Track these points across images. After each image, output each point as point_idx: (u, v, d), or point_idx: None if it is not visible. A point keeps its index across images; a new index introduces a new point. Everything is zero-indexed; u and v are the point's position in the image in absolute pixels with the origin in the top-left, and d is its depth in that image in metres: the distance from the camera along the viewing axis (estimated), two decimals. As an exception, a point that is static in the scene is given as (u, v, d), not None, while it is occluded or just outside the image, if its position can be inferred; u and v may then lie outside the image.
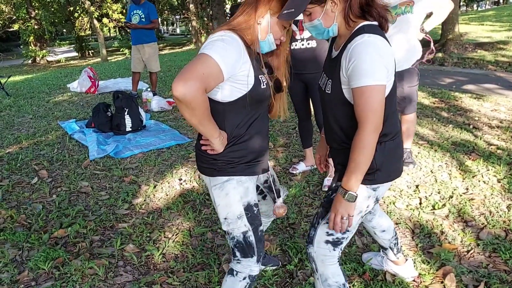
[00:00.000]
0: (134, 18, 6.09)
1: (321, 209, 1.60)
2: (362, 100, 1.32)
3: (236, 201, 1.53)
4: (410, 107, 3.24)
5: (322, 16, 1.38)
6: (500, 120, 4.53)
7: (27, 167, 3.80)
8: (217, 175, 1.52)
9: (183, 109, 1.29)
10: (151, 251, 2.44)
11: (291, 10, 1.35)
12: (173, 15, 35.43)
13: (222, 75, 1.33)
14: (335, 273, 1.61)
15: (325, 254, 1.58)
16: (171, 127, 4.87)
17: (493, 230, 2.48)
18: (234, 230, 1.57)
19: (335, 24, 1.39)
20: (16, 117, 5.74)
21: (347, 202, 1.41)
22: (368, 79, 1.29)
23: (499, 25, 13.16)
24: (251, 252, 1.60)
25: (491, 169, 3.26)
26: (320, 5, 1.36)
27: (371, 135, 1.34)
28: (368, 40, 1.30)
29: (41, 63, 20.60)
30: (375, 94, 1.30)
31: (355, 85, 1.32)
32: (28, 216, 2.90)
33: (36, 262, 2.34)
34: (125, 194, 3.18)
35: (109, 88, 7.53)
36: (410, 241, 2.43)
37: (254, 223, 1.59)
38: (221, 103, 1.44)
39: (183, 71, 1.27)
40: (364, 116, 1.33)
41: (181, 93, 1.23)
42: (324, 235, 1.56)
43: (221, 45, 1.33)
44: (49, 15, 20.54)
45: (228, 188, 1.52)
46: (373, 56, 1.29)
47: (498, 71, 7.62)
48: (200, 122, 1.34)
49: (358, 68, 1.30)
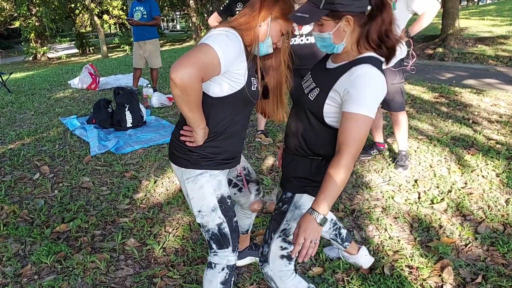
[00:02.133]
0: (136, 15, 6.10)
1: (273, 223, 1.58)
2: (353, 126, 1.28)
3: (210, 194, 1.56)
4: (395, 104, 3.21)
5: (333, 32, 1.34)
6: (499, 114, 4.54)
7: (29, 163, 3.82)
8: (191, 167, 1.54)
9: (177, 93, 1.30)
10: (151, 245, 2.46)
11: (305, 15, 1.32)
12: (173, 11, 35.34)
13: (219, 68, 1.34)
14: (297, 283, 1.61)
15: (281, 269, 1.57)
16: (171, 123, 4.89)
17: (491, 224, 2.50)
18: (208, 223, 1.59)
19: (343, 44, 1.36)
20: (17, 114, 5.77)
21: (318, 225, 1.30)
22: (366, 109, 1.27)
23: (500, 20, 13.11)
24: (227, 243, 1.63)
25: (490, 164, 3.27)
26: (335, 21, 1.32)
27: (350, 161, 1.30)
28: (375, 73, 1.29)
29: (42, 60, 20.61)
30: (366, 125, 1.29)
31: (351, 110, 1.28)
32: (31, 211, 2.93)
33: (39, 256, 2.37)
34: (126, 189, 3.21)
35: (110, 85, 7.54)
36: (408, 235, 2.46)
37: (228, 215, 1.61)
38: (210, 97, 1.45)
39: (184, 57, 1.29)
40: (349, 142, 1.29)
41: (178, 76, 1.25)
42: (279, 250, 1.55)
43: (223, 39, 1.35)
44: (50, 12, 20.56)
45: (201, 181, 1.55)
46: (376, 91, 1.29)
47: (498, 65, 7.61)
48: (190, 109, 1.36)
49: (360, 97, 1.27)
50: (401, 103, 3.22)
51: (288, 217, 1.54)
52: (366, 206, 2.79)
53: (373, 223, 2.59)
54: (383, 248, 2.34)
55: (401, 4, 2.92)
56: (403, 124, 3.28)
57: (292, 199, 1.55)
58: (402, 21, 3.00)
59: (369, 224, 2.58)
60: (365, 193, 2.96)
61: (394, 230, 2.51)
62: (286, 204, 1.56)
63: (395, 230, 2.51)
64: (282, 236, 1.55)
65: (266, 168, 3.49)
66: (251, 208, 1.79)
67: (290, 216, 1.54)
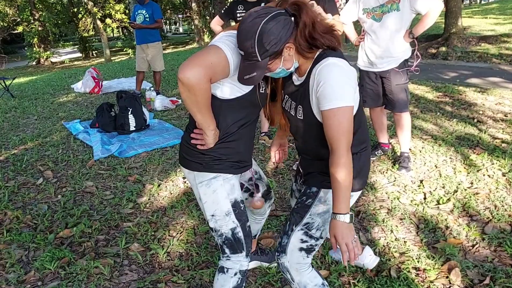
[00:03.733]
0: (138, 18, 6.11)
1: (295, 215, 1.57)
2: (333, 122, 1.31)
3: (223, 198, 1.54)
4: (399, 105, 3.19)
5: (282, 64, 1.35)
6: (504, 113, 4.50)
7: (33, 168, 3.82)
8: (203, 171, 1.53)
9: (185, 93, 1.29)
10: (155, 249, 2.45)
11: (253, 74, 1.30)
12: (176, 14, 35.42)
13: (228, 70, 1.33)
14: (312, 277, 1.60)
15: (299, 262, 1.56)
16: (174, 126, 4.88)
17: (498, 224, 2.47)
18: (222, 227, 1.58)
19: (295, 62, 1.37)
20: (21, 119, 5.78)
21: (348, 224, 1.35)
22: (338, 101, 1.29)
23: (503, 18, 13.05)
24: (240, 247, 1.61)
25: (496, 163, 3.24)
26: (278, 58, 1.33)
27: (346, 155, 1.33)
28: (333, 62, 1.31)
29: (45, 64, 20.72)
30: (346, 116, 1.30)
31: (325, 108, 1.31)
32: (34, 217, 2.92)
33: (42, 262, 2.36)
34: (130, 193, 3.20)
35: (113, 88, 7.55)
36: (415, 236, 2.43)
37: (242, 219, 1.60)
38: (219, 99, 1.44)
39: (193, 57, 1.27)
40: (336, 138, 1.32)
41: (187, 76, 1.24)
42: (299, 243, 1.54)
43: (233, 41, 1.34)
44: (53, 17, 20.69)
45: (215, 185, 1.53)
46: (340, 78, 1.30)
47: (502, 64, 7.57)
48: (199, 110, 1.35)
49: (327, 91, 1.29)
50: (405, 104, 3.19)
51: (312, 211, 1.53)
52: (372, 208, 2.76)
53: (379, 224, 2.57)
54: (389, 250, 2.32)
55: (405, 4, 2.89)
56: (406, 125, 3.25)
57: (317, 194, 1.54)
58: (405, 22, 2.97)
59: (375, 225, 2.56)
60: (370, 194, 2.94)
61: (400, 231, 2.49)
62: (311, 199, 1.54)
63: (401, 231, 2.49)
64: (304, 230, 1.53)
65: (270, 170, 3.47)
66: (253, 205, 1.77)
67: (314, 210, 1.53)
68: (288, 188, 3.10)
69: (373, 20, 3.05)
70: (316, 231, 1.53)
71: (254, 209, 1.88)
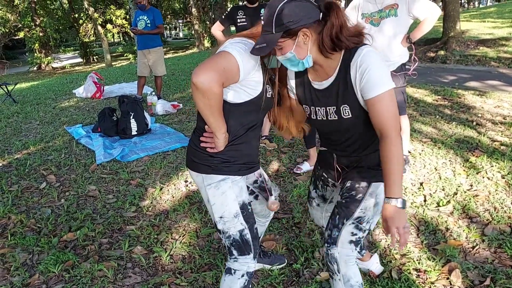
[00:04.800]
0: (139, 24, 6.16)
1: (344, 210, 1.57)
2: (381, 108, 1.33)
3: (232, 200, 1.57)
4: None
5: (294, 49, 1.36)
6: (503, 116, 4.53)
7: (36, 173, 3.85)
8: (212, 173, 1.55)
9: (199, 97, 1.32)
10: (158, 252, 2.47)
11: (263, 44, 1.34)
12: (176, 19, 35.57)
13: (238, 75, 1.37)
14: (356, 273, 1.62)
15: (348, 254, 1.59)
16: (176, 130, 4.91)
17: (498, 226, 2.49)
18: (230, 229, 1.60)
19: (309, 56, 1.38)
20: (23, 124, 5.81)
21: (401, 210, 1.37)
22: (383, 86, 1.32)
23: (501, 22, 13.10)
24: (248, 249, 1.63)
25: (495, 165, 3.27)
26: (292, 38, 1.35)
27: (397, 139, 1.34)
28: (369, 50, 1.34)
29: (46, 69, 20.80)
30: (391, 99, 1.33)
31: (373, 95, 1.33)
32: (38, 221, 2.95)
33: (47, 265, 2.38)
34: (132, 197, 3.22)
35: (114, 93, 7.59)
36: (415, 238, 2.45)
37: (250, 221, 1.62)
38: (228, 103, 1.47)
39: (205, 63, 1.31)
40: (387, 123, 1.34)
41: (200, 80, 1.27)
42: (349, 236, 1.56)
43: (243, 47, 1.38)
44: (54, 22, 20.79)
45: (224, 187, 1.55)
46: (380, 63, 1.33)
47: (500, 67, 7.60)
48: (212, 113, 1.38)
49: (372, 78, 1.32)
50: (403, 107, 3.23)
51: (363, 205, 1.55)
52: (372, 210, 2.78)
53: (380, 226, 2.59)
54: (390, 251, 2.34)
55: (403, 10, 2.93)
56: (404, 127, 3.28)
57: (368, 188, 1.56)
58: (403, 27, 3.01)
59: (376, 227, 2.58)
60: (370, 197, 2.96)
61: (401, 233, 2.51)
62: (361, 194, 1.56)
63: (402, 233, 2.51)
64: (356, 223, 1.55)
65: (271, 173, 3.50)
66: (270, 208, 1.80)
67: (365, 204, 1.55)
68: (290, 190, 3.12)
69: (371, 25, 3.09)
70: (366, 224, 1.56)
71: (272, 211, 1.90)
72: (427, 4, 2.91)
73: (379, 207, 1.56)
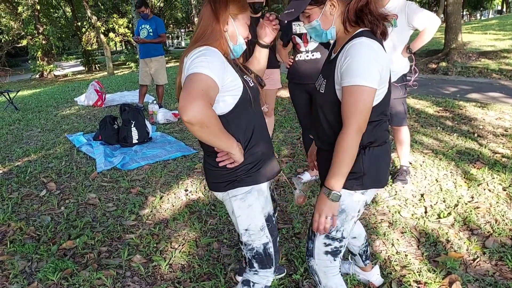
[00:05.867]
0: (142, 33, 6.21)
1: None
2: (350, 99, 1.31)
3: (258, 212, 1.54)
4: (397, 118, 3.21)
5: (320, 18, 1.39)
6: (505, 128, 4.54)
7: (36, 180, 3.85)
8: (238, 185, 1.51)
9: (199, 130, 1.28)
10: (158, 261, 2.46)
11: (291, 10, 1.38)
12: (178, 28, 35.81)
13: (217, 86, 1.35)
14: (338, 283, 1.62)
15: (326, 265, 1.58)
16: (176, 139, 4.92)
17: (499, 238, 2.48)
18: (254, 241, 1.58)
19: (333, 27, 1.41)
20: (24, 131, 5.83)
21: (331, 201, 1.40)
22: (360, 79, 1.29)
23: (503, 34, 13.18)
24: (270, 263, 1.62)
25: (496, 178, 3.26)
26: (319, 7, 1.38)
27: (354, 135, 1.33)
28: (366, 42, 1.32)
29: (48, 77, 20.88)
30: (365, 96, 1.30)
31: (346, 84, 1.32)
32: (37, 228, 2.94)
33: (45, 273, 2.37)
34: (132, 205, 3.22)
35: (116, 101, 7.62)
36: (416, 250, 2.44)
37: (274, 234, 1.61)
38: (223, 116, 1.45)
39: (184, 96, 1.26)
40: (349, 116, 1.32)
41: (190, 116, 1.23)
42: (323, 246, 1.56)
43: (203, 59, 1.35)
44: (57, 31, 20.92)
45: (250, 199, 1.52)
46: (368, 58, 1.30)
47: (502, 79, 7.63)
48: (217, 137, 1.34)
49: (352, 67, 1.30)
50: (403, 118, 3.23)
51: None
52: (373, 221, 2.78)
53: (380, 238, 2.58)
54: (390, 263, 2.32)
55: (402, 20, 2.95)
56: (405, 138, 3.28)
57: None
58: (403, 38, 3.02)
59: (376, 239, 2.57)
60: (371, 208, 2.95)
61: (401, 245, 2.50)
62: None
63: (402, 245, 2.50)
64: (325, 233, 1.53)
65: (272, 182, 3.49)
66: (298, 202, 1.79)
67: None
68: (290, 200, 3.11)
69: None
70: (337, 232, 1.53)
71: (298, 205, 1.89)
72: (426, 14, 2.93)
73: (346, 213, 1.50)
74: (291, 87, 3.31)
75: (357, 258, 2.05)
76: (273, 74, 3.81)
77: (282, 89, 6.81)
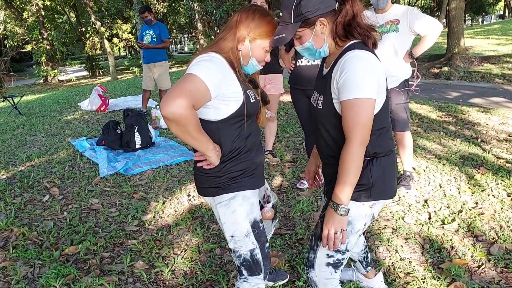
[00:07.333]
0: (146, 38, 6.24)
1: (319, 230, 1.57)
2: (351, 113, 1.31)
3: (243, 218, 1.54)
4: (400, 124, 3.21)
5: (312, 38, 1.40)
6: (508, 133, 4.51)
7: (39, 185, 3.86)
8: (222, 193, 1.53)
9: (175, 127, 1.30)
10: (160, 267, 2.45)
11: (282, 35, 1.37)
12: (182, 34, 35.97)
13: (209, 93, 1.35)
14: None
15: (327, 277, 1.57)
16: (179, 144, 4.92)
17: (504, 245, 2.45)
18: (241, 248, 1.57)
19: (326, 44, 1.41)
20: (28, 136, 5.85)
21: (340, 216, 1.39)
22: (358, 92, 1.29)
23: (505, 39, 13.16)
24: (258, 269, 1.61)
25: (501, 183, 3.24)
26: (309, 28, 1.38)
27: (358, 148, 1.33)
28: (359, 55, 1.32)
29: (52, 82, 20.99)
30: (365, 108, 1.30)
31: (345, 98, 1.32)
32: (40, 233, 2.94)
33: (48, 279, 2.37)
34: (135, 210, 3.21)
35: (119, 106, 7.65)
36: (420, 257, 2.42)
37: (261, 240, 1.59)
38: (214, 122, 1.46)
39: (170, 91, 1.29)
40: (351, 130, 1.33)
41: (170, 111, 1.25)
42: (325, 258, 1.54)
43: (206, 64, 1.36)
44: (61, 36, 21.05)
45: (234, 205, 1.53)
46: (364, 70, 1.30)
47: (505, 84, 7.61)
48: (193, 137, 1.36)
49: (349, 81, 1.30)
50: (406, 123, 3.22)
51: None
52: (376, 227, 2.76)
53: (384, 244, 2.56)
54: (394, 270, 2.31)
55: (404, 26, 2.95)
56: (408, 143, 3.27)
57: None
58: (405, 43, 3.02)
59: (380, 245, 2.55)
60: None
61: (405, 251, 2.48)
62: None
63: (406, 251, 2.48)
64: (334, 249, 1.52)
65: (274, 188, 3.48)
66: (264, 216, 1.78)
67: None
68: (293, 206, 3.10)
69: None
70: (341, 244, 1.51)
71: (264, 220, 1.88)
72: (428, 20, 2.93)
73: (352, 225, 1.50)
74: (293, 92, 3.31)
75: (357, 264, 2.03)
76: (275, 79, 3.81)
77: (285, 94, 6.81)
